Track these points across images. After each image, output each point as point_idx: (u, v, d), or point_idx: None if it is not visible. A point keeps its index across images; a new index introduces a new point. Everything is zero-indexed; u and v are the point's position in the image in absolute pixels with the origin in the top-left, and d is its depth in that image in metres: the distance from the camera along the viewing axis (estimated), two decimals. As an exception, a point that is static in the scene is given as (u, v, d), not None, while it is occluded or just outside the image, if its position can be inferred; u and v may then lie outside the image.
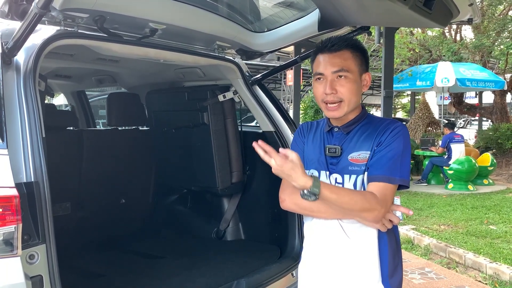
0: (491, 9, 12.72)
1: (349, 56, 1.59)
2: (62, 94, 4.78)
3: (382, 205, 1.50)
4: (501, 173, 10.96)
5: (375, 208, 1.49)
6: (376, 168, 1.54)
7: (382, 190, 1.51)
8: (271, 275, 2.45)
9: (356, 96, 1.61)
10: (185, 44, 2.65)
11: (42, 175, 1.62)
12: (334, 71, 1.58)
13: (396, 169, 1.53)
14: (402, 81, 11.84)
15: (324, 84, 1.59)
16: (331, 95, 1.57)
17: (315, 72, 1.64)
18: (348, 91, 1.57)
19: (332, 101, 1.58)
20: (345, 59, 1.58)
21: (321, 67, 1.60)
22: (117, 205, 3.54)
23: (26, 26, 1.63)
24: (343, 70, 1.57)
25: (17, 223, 1.48)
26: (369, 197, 1.50)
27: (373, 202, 1.49)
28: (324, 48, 1.61)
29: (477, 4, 1.98)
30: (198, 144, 3.15)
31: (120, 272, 2.70)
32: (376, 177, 1.53)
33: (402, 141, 1.56)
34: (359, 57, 1.62)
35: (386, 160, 1.53)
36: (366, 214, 1.51)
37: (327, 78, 1.59)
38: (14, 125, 1.67)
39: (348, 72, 1.57)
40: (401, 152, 1.54)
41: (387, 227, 1.57)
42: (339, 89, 1.57)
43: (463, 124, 23.28)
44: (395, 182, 1.53)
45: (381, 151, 1.55)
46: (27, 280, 1.50)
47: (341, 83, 1.57)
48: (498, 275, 4.23)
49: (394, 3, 1.67)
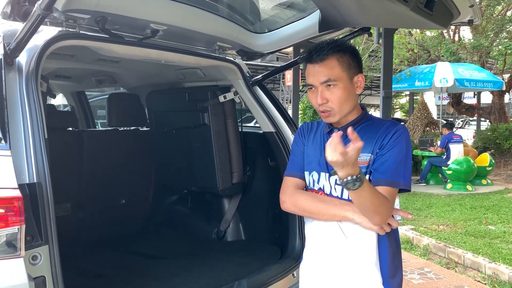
0: (490, 10, 12.73)
1: (335, 64, 1.57)
2: (61, 94, 4.76)
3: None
4: (500, 173, 10.99)
5: (386, 213, 1.51)
6: (380, 172, 1.54)
7: (386, 195, 1.51)
8: (272, 275, 2.46)
9: (348, 102, 1.60)
10: (186, 45, 2.65)
11: (44, 176, 1.63)
12: (322, 82, 1.58)
13: (399, 173, 1.54)
14: (401, 81, 11.86)
15: (316, 94, 1.60)
16: (322, 105, 1.59)
17: (306, 82, 1.65)
18: (338, 100, 1.58)
19: (323, 109, 1.60)
20: (331, 67, 1.57)
21: (310, 78, 1.61)
22: (117, 206, 3.54)
23: (29, 27, 1.63)
24: (330, 80, 1.57)
25: (20, 224, 1.48)
26: (387, 202, 1.51)
27: (387, 207, 1.51)
28: (311, 58, 1.61)
29: (477, 6, 1.99)
30: (199, 145, 3.15)
31: (120, 273, 2.70)
32: (380, 181, 1.53)
33: (404, 144, 1.56)
34: (347, 61, 1.59)
35: (389, 164, 1.53)
36: (377, 217, 1.51)
37: (318, 89, 1.59)
38: (16, 126, 1.67)
39: (336, 81, 1.57)
40: (404, 155, 1.55)
41: (386, 230, 1.57)
42: (329, 98, 1.58)
43: (462, 124, 23.33)
44: (399, 186, 1.54)
45: (384, 155, 1.55)
46: (30, 281, 1.50)
47: (331, 91, 1.58)
48: (497, 275, 4.24)
49: (395, 4, 1.68)
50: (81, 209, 3.28)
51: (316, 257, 1.70)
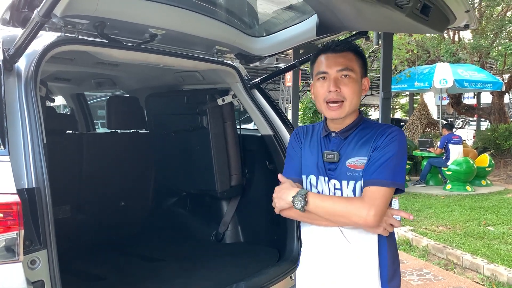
0: (489, 10, 12.74)
1: (353, 57, 1.63)
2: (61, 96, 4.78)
3: (369, 208, 1.49)
4: (499, 173, 10.99)
5: (361, 212, 1.50)
6: (367, 173, 1.55)
7: (371, 193, 1.52)
8: (270, 278, 2.47)
9: (358, 98, 1.63)
10: (185, 49, 2.67)
11: (43, 181, 1.64)
12: (339, 69, 1.60)
13: (387, 173, 1.52)
14: (401, 82, 11.86)
15: (328, 82, 1.61)
16: (334, 92, 1.59)
17: (317, 71, 1.65)
18: (351, 91, 1.60)
19: (335, 99, 1.59)
20: (349, 59, 1.62)
21: (325, 65, 1.62)
22: (116, 208, 3.56)
23: (28, 33, 1.65)
24: (347, 69, 1.60)
25: (19, 229, 1.50)
26: (354, 201, 1.53)
27: (358, 205, 1.51)
28: (327, 49, 1.64)
29: (473, 11, 2.00)
30: (197, 148, 3.17)
31: (119, 275, 2.72)
32: (367, 181, 1.54)
33: (397, 145, 1.56)
34: (361, 60, 1.66)
35: (378, 164, 1.54)
36: (354, 218, 1.52)
37: (331, 77, 1.60)
38: (15, 131, 1.69)
39: (352, 72, 1.60)
40: (394, 155, 1.54)
41: (389, 231, 1.58)
42: (342, 88, 1.59)
43: (462, 125, 23.33)
44: (386, 185, 1.52)
45: (375, 156, 1.56)
46: (29, 285, 1.52)
47: (345, 82, 1.60)
48: (495, 276, 4.25)
49: (390, 11, 1.69)
50: (80, 212, 3.30)
51: (314, 261, 1.70)
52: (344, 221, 1.56)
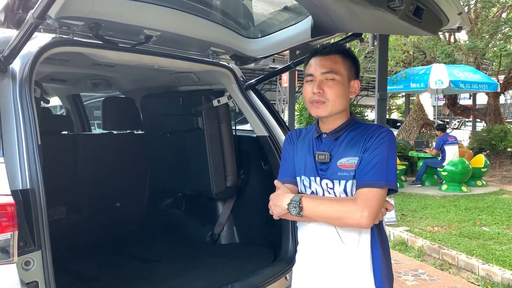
0: (485, 12, 12.80)
1: (339, 60, 1.66)
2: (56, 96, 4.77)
3: (363, 209, 1.51)
4: (495, 174, 11.04)
5: (355, 214, 1.52)
6: (360, 175, 1.58)
7: (364, 195, 1.54)
8: (265, 278, 2.48)
9: (342, 99, 1.66)
10: (180, 50, 2.67)
11: (38, 182, 1.64)
12: (323, 72, 1.65)
13: (380, 174, 1.55)
14: (397, 83, 11.90)
15: (313, 84, 1.66)
16: (317, 94, 1.64)
17: (306, 73, 1.71)
18: (334, 93, 1.63)
19: (317, 100, 1.64)
20: (335, 62, 1.66)
21: (312, 68, 1.68)
22: (112, 209, 3.55)
23: (22, 35, 1.65)
24: (331, 72, 1.64)
25: (13, 230, 1.50)
26: (347, 204, 1.55)
27: (351, 207, 1.53)
28: (316, 52, 1.70)
29: (466, 13, 2.02)
30: (193, 148, 3.17)
31: (114, 276, 2.72)
32: (360, 183, 1.57)
33: (387, 146, 1.59)
34: (348, 62, 1.68)
35: (371, 166, 1.56)
36: (348, 221, 1.54)
37: (316, 79, 1.66)
38: (9, 132, 1.69)
39: (336, 75, 1.64)
40: (386, 157, 1.57)
41: (383, 215, 1.63)
42: (326, 90, 1.64)
43: (457, 125, 23.42)
44: (380, 186, 1.55)
45: (366, 158, 1.58)
46: (23, 286, 1.52)
47: (329, 84, 1.64)
48: (490, 276, 4.28)
49: (384, 13, 1.71)
50: (76, 212, 3.30)
51: (310, 261, 1.72)
52: (338, 223, 1.59)
